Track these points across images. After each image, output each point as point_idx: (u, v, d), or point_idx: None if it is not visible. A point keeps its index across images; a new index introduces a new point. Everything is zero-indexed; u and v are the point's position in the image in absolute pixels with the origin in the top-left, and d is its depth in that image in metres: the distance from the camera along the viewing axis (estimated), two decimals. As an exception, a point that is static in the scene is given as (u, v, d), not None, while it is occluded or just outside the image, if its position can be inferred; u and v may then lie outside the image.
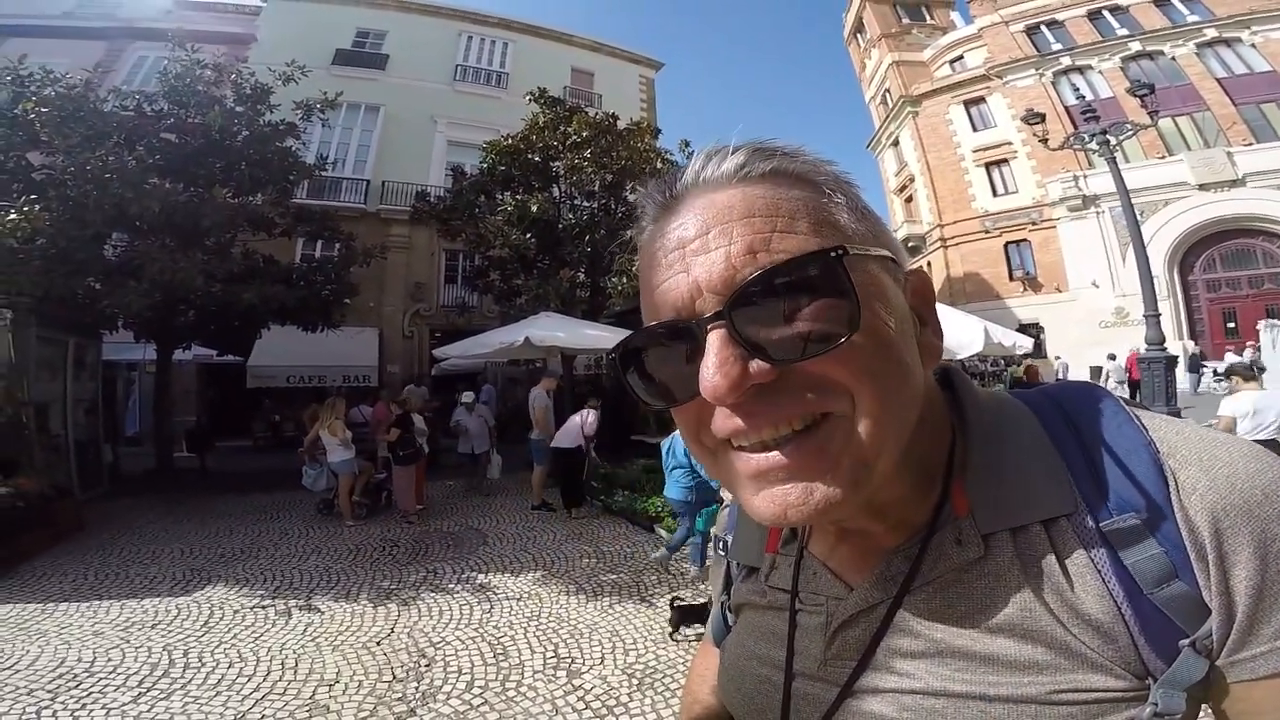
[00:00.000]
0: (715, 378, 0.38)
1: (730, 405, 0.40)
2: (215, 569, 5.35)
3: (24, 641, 3.85)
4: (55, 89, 7.86)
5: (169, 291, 7.84)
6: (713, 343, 0.39)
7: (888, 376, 0.40)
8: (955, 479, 0.47)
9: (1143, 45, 21.36)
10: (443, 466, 9.53)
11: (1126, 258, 18.15)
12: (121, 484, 8.95)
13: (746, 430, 0.40)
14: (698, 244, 0.41)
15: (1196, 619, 0.39)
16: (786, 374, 0.39)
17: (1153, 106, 10.12)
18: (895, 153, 28.68)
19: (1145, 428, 0.45)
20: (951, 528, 0.45)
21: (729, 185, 0.43)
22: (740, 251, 0.40)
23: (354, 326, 13.11)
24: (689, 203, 0.44)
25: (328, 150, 13.79)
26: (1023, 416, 0.49)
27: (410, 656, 3.70)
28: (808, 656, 0.52)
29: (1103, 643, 0.40)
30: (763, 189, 0.42)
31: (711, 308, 0.40)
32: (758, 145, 0.45)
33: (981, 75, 24.10)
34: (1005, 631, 0.42)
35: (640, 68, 23.02)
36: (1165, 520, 0.41)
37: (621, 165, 11.51)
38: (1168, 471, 0.42)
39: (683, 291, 0.41)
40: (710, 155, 0.45)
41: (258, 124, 9.67)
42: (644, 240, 0.47)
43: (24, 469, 6.15)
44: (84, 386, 8.54)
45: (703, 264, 0.41)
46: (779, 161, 0.44)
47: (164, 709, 3.10)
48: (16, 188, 7.46)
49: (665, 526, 6.14)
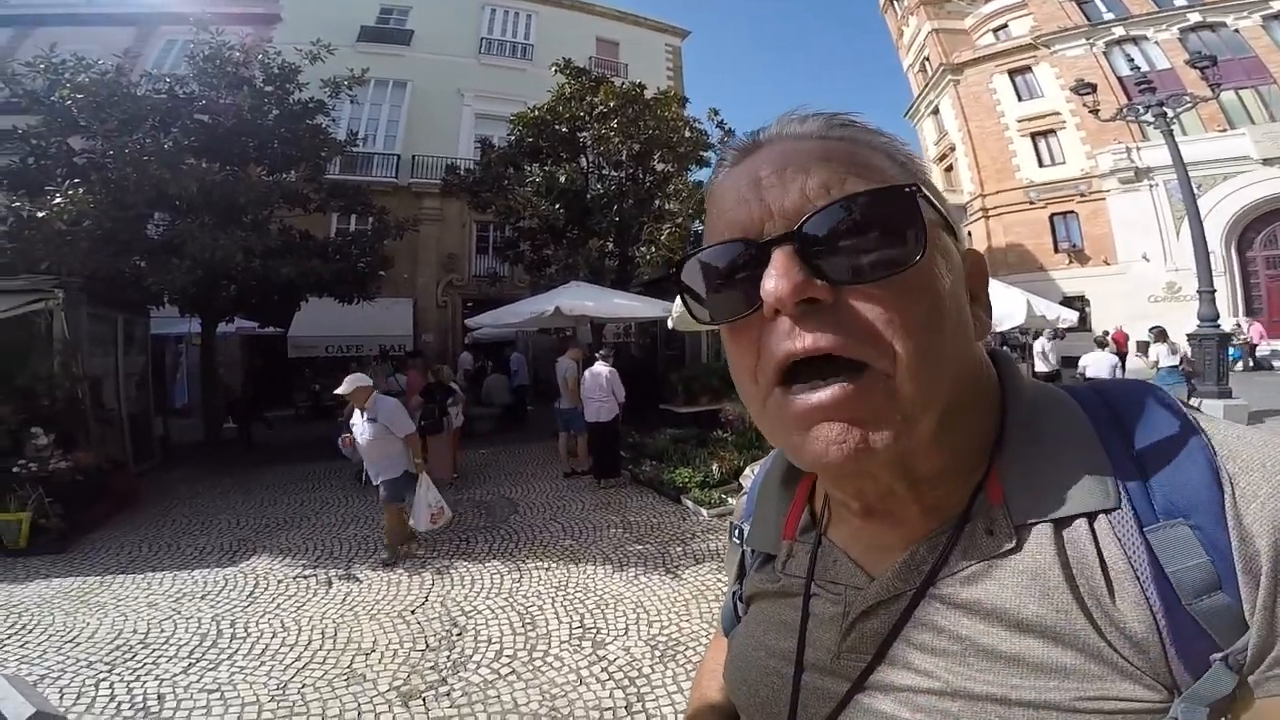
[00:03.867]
0: (779, 282, 0.39)
1: (789, 314, 0.40)
2: (260, 539, 5.60)
3: (84, 614, 4.08)
4: (89, 75, 8.06)
5: (210, 268, 8.08)
6: (777, 257, 0.40)
7: (935, 328, 0.41)
8: (993, 465, 0.45)
9: (1203, 16, 20.13)
10: (477, 434, 9.74)
11: (1180, 232, 17.40)
12: (173, 455, 9.37)
13: (797, 351, 0.40)
14: (775, 178, 0.43)
15: (1233, 633, 0.37)
16: (841, 301, 0.40)
17: (1214, 79, 9.57)
18: (935, 121, 27.69)
19: (1203, 429, 0.42)
20: (984, 517, 0.44)
21: (809, 138, 0.45)
22: (816, 185, 0.41)
23: (389, 297, 13.46)
24: (771, 146, 0.46)
25: (358, 126, 13.98)
26: (1068, 408, 0.47)
27: (443, 625, 3.83)
28: (820, 648, 0.50)
29: (1134, 651, 0.38)
30: (840, 145, 0.44)
31: (780, 230, 0.41)
32: (835, 115, 0.47)
33: (1028, 44, 23.09)
34: (1035, 632, 0.40)
35: (666, 36, 22.56)
36: (1216, 528, 0.38)
37: (649, 135, 11.43)
38: (1224, 476, 0.39)
39: (753, 215, 0.43)
40: (792, 115, 0.48)
41: (287, 103, 9.83)
42: (718, 180, 0.48)
43: (81, 443, 6.42)
44: (134, 361, 8.89)
45: (777, 191, 0.42)
46: (856, 131, 0.46)
47: (212, 679, 3.26)
48: (60, 172, 7.72)
49: (692, 498, 6.19)
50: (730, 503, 6.01)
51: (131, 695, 3.14)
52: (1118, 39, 21.37)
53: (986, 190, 24.09)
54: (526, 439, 10.28)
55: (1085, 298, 20.50)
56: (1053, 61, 22.40)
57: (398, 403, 5.23)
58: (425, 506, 4.93)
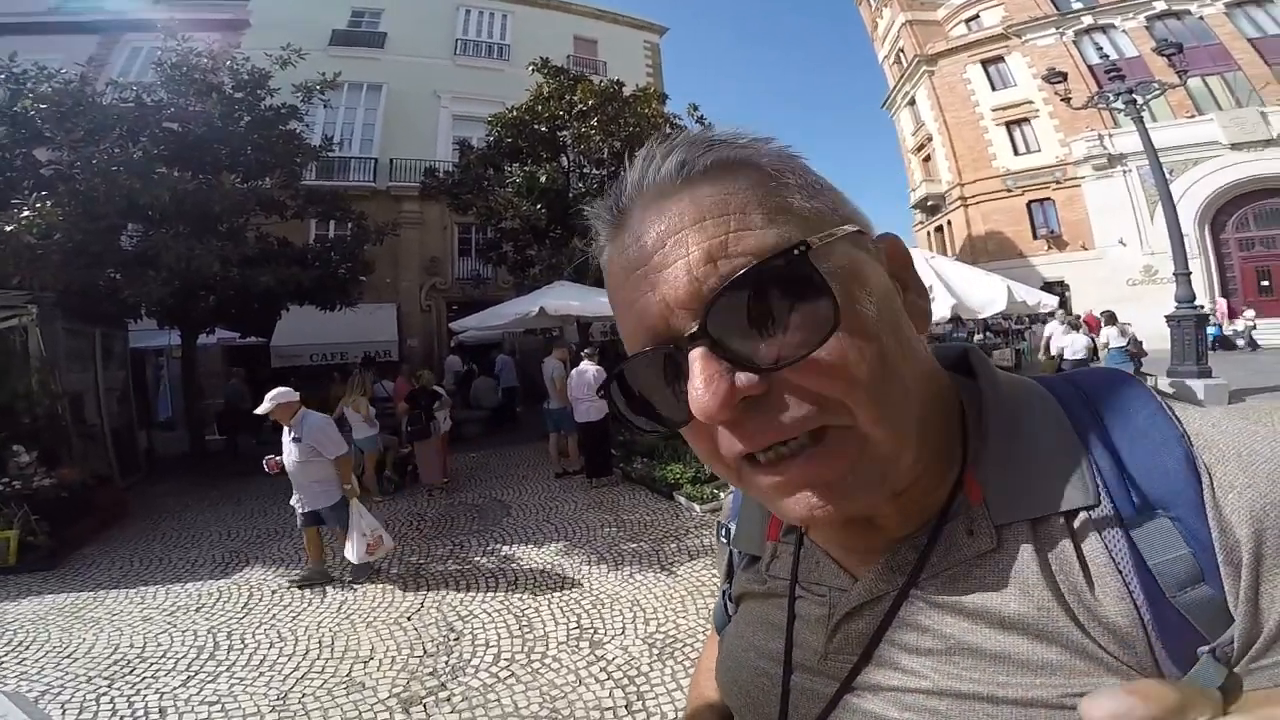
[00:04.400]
0: (704, 397, 0.37)
1: (726, 423, 0.39)
2: (252, 550, 5.55)
3: (80, 629, 4.04)
4: (52, 85, 7.88)
5: (187, 278, 7.95)
6: (694, 361, 0.38)
7: (883, 366, 0.39)
8: (968, 465, 0.44)
9: (1168, 4, 20.59)
10: (465, 438, 9.70)
11: (1155, 216, 17.74)
12: (159, 468, 9.24)
13: (748, 450, 0.39)
14: (657, 259, 0.40)
15: (1219, 625, 0.36)
16: (778, 384, 0.38)
17: (1181, 66, 9.76)
18: (912, 112, 27.96)
19: (1178, 419, 0.41)
20: (964, 517, 0.43)
21: (674, 188, 0.41)
22: (699, 261, 0.38)
23: (372, 303, 13.35)
24: (639, 214, 0.42)
25: (333, 131, 13.76)
26: (1044, 403, 0.46)
27: (440, 631, 3.83)
28: (807, 649, 0.50)
29: (1119, 646, 0.38)
30: (709, 186, 0.40)
31: (686, 324, 0.39)
32: (694, 138, 0.43)
33: (999, 34, 23.45)
34: (1019, 629, 0.40)
35: (645, 33, 22.58)
36: (1195, 520, 0.38)
37: (630, 132, 11.42)
38: (1201, 467, 0.39)
39: (654, 312, 0.40)
40: (649, 159, 0.43)
41: (259, 109, 9.67)
42: (604, 262, 0.45)
43: (64, 459, 6.33)
44: (114, 375, 8.75)
45: (666, 280, 0.39)
46: (718, 151, 0.42)
47: (211, 691, 3.25)
48: (26, 185, 7.55)
49: (684, 494, 6.22)
50: (721, 497, 6.05)
51: (133, 709, 3.12)
52: (1086, 28, 21.76)
53: (964, 179, 24.37)
54: (516, 441, 10.24)
55: (1064, 283, 20.86)
56: (1024, 51, 22.76)
57: (327, 419, 4.74)
58: (360, 536, 4.39)
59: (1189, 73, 10.52)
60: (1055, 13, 22.34)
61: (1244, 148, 18.41)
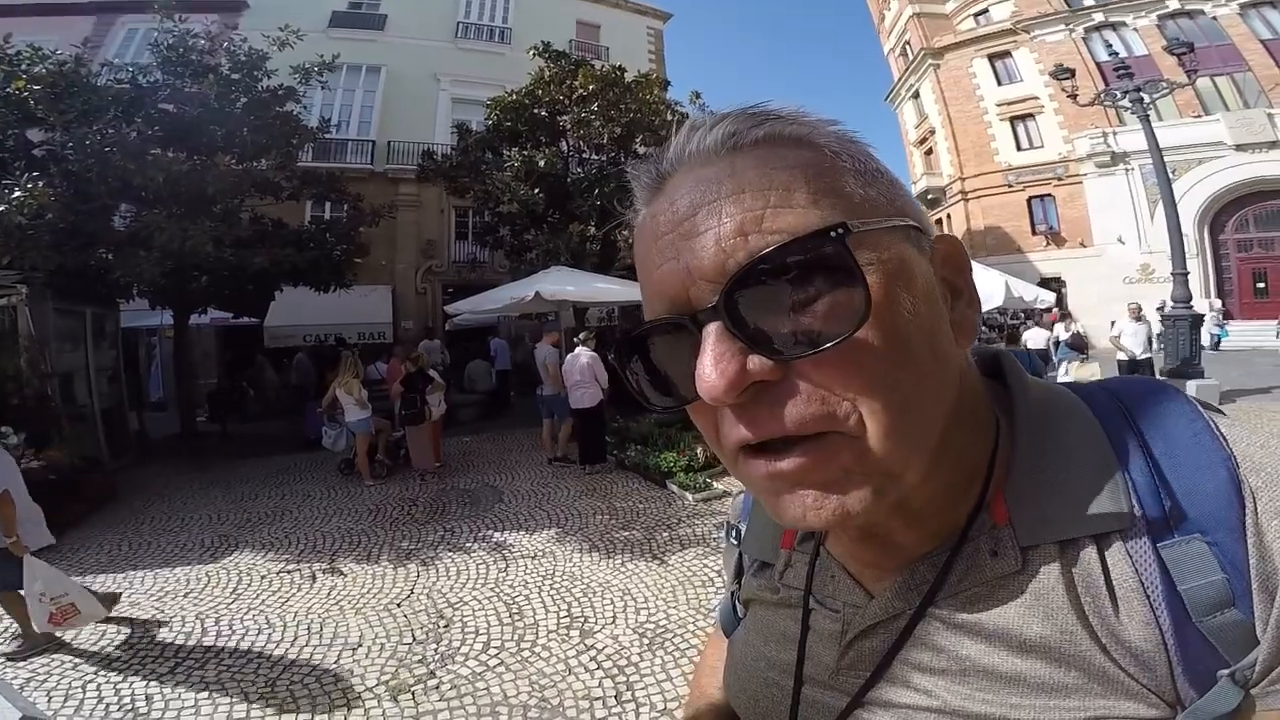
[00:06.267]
0: (711, 375, 0.35)
1: (732, 407, 0.37)
2: (242, 534, 5.52)
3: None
4: (45, 66, 7.76)
5: (180, 259, 7.88)
6: (709, 336, 0.36)
7: (904, 380, 0.36)
8: (996, 484, 0.43)
9: (1181, 3, 20.42)
10: (460, 422, 9.70)
11: (1155, 215, 17.76)
12: (149, 450, 9.19)
13: (751, 439, 0.37)
14: (687, 226, 0.38)
15: (1242, 649, 0.36)
16: (792, 373, 0.35)
17: (1191, 65, 9.73)
18: (915, 105, 27.84)
19: (1225, 438, 0.40)
20: (987, 537, 0.42)
21: (718, 158, 0.39)
22: (730, 233, 0.36)
23: (367, 285, 13.32)
24: (677, 180, 0.40)
25: (330, 113, 13.62)
26: (1080, 416, 0.44)
27: (429, 618, 3.82)
28: (819, 663, 0.49)
29: (1139, 669, 0.37)
30: (754, 159, 0.38)
31: (706, 297, 0.36)
32: (749, 110, 0.41)
33: (1008, 29, 23.30)
34: (1037, 652, 0.39)
35: (648, 19, 22.33)
36: (1233, 543, 0.36)
37: (630, 118, 11.35)
38: (1246, 491, 0.37)
39: (676, 280, 0.38)
40: (696, 126, 0.41)
41: (255, 90, 9.55)
42: (637, 225, 0.44)
43: (54, 441, 6.27)
44: (105, 355, 8.68)
45: (693, 249, 0.37)
46: (772, 126, 0.39)
47: (199, 678, 3.23)
48: (18, 166, 7.45)
49: (678, 482, 6.22)
50: (715, 486, 6.06)
51: (119, 696, 3.10)
52: (1097, 25, 21.56)
53: (966, 173, 24.33)
54: (510, 426, 10.24)
55: (1062, 279, 20.88)
56: (1032, 47, 22.62)
57: None
58: (37, 602, 3.23)
59: (1198, 72, 10.49)
60: (1066, 9, 22.17)
61: (1249, 149, 18.42)
